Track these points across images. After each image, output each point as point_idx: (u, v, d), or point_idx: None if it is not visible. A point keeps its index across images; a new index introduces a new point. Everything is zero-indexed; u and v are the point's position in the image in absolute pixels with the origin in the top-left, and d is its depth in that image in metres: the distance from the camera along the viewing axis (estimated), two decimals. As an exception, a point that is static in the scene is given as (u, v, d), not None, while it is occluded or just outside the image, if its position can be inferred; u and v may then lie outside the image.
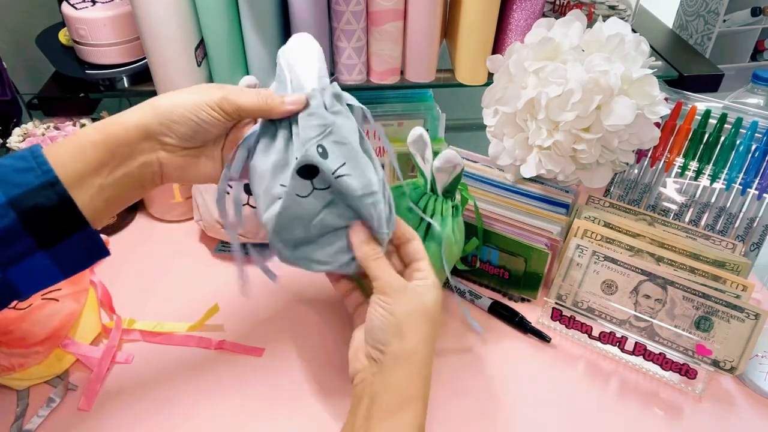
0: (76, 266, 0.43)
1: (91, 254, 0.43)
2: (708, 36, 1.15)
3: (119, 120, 0.43)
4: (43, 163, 0.39)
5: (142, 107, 0.43)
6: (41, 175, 0.39)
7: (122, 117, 0.43)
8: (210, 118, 0.44)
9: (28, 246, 0.40)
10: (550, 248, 0.65)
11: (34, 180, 0.39)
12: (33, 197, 0.39)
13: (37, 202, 0.39)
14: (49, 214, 0.39)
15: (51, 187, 0.39)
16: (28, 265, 0.40)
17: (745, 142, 0.68)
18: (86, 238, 0.42)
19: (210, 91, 0.44)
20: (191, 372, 0.60)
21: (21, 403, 0.56)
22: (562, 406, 0.58)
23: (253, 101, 0.45)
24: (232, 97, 0.44)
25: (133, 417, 0.56)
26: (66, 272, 0.43)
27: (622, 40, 0.63)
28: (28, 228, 0.39)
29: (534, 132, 0.65)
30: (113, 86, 0.77)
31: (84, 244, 0.42)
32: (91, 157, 0.41)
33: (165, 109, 0.43)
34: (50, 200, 0.39)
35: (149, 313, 0.66)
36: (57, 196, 0.39)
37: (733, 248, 0.66)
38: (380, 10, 0.71)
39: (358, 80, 0.78)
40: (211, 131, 0.45)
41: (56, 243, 0.40)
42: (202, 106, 0.43)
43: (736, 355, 0.59)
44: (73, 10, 0.72)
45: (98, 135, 0.42)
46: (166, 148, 0.44)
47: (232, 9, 0.71)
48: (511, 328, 0.66)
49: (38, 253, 0.40)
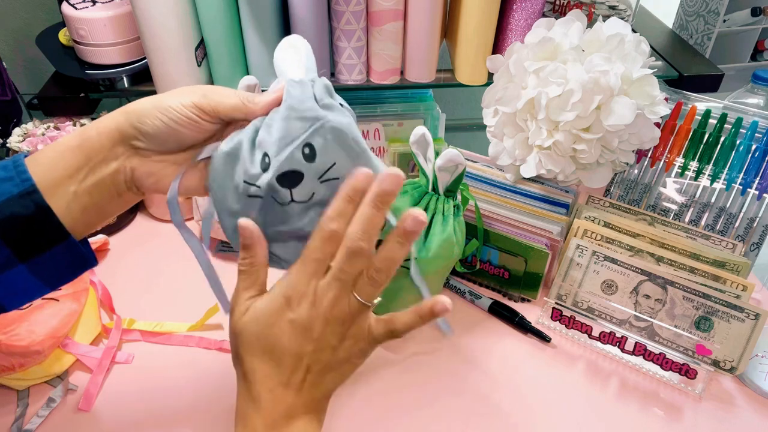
0: (61, 278, 0.42)
1: (75, 266, 0.42)
2: (708, 36, 1.15)
3: (96, 124, 0.41)
4: (22, 172, 0.38)
5: (118, 110, 0.41)
6: (20, 184, 0.38)
7: (99, 121, 0.41)
8: (181, 118, 0.40)
9: (6, 258, 0.38)
10: (550, 248, 0.65)
11: (12, 189, 0.38)
12: (10, 206, 0.37)
13: (14, 211, 0.37)
14: (27, 225, 0.38)
15: (28, 195, 0.38)
16: (8, 279, 0.39)
17: (745, 142, 0.68)
18: (68, 250, 0.40)
19: (187, 92, 0.41)
20: (191, 372, 0.60)
21: (21, 403, 0.56)
22: (562, 406, 0.58)
23: (233, 100, 0.42)
24: (210, 94, 0.41)
25: (133, 417, 0.56)
26: (50, 285, 0.41)
27: (622, 40, 0.63)
28: (6, 239, 0.38)
29: (534, 132, 0.65)
30: (113, 86, 0.77)
31: (66, 255, 0.40)
32: (68, 163, 0.39)
33: (136, 111, 0.40)
34: (27, 209, 0.38)
35: (149, 313, 0.66)
36: (34, 205, 0.38)
37: (733, 248, 0.66)
38: (380, 10, 0.71)
39: (358, 80, 0.78)
40: (185, 133, 0.41)
41: (36, 255, 0.39)
42: (174, 105, 0.40)
43: (736, 355, 0.59)
44: (73, 10, 0.72)
45: (76, 140, 0.40)
46: (139, 152, 0.41)
47: (232, 9, 0.71)
48: (511, 328, 0.66)
49: (18, 266, 0.39)
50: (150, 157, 0.42)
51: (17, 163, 0.39)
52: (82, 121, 0.77)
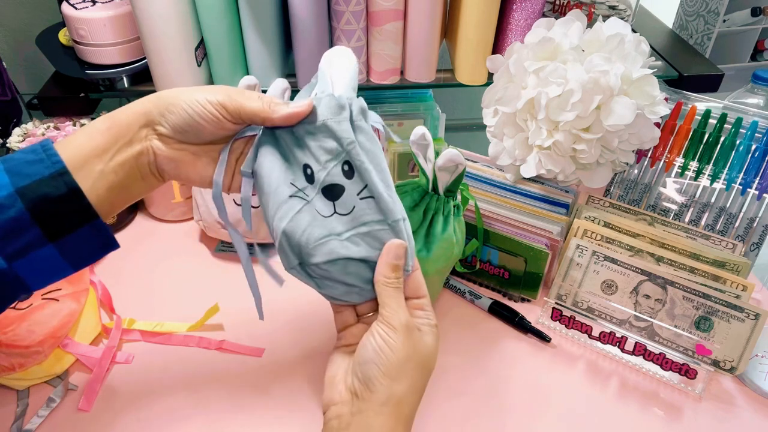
0: (86, 259, 0.43)
1: (101, 247, 0.43)
2: (708, 36, 1.15)
3: (126, 108, 0.43)
4: (53, 154, 0.39)
5: (149, 96, 0.43)
6: (50, 166, 0.39)
7: (129, 105, 0.43)
8: (205, 113, 0.42)
9: (36, 238, 0.39)
10: (550, 248, 0.65)
11: (43, 171, 0.39)
12: (41, 187, 0.38)
13: (46, 192, 0.39)
14: (57, 205, 0.39)
15: (60, 177, 0.39)
16: (36, 258, 0.40)
17: (745, 142, 0.68)
18: (95, 231, 0.41)
19: (215, 90, 0.43)
20: (191, 372, 0.60)
21: (21, 403, 0.56)
22: (562, 406, 0.58)
23: (256, 104, 0.43)
24: (236, 95, 0.43)
25: (133, 417, 0.56)
26: (75, 265, 0.42)
27: (622, 40, 0.63)
28: (36, 219, 0.39)
29: (534, 132, 0.65)
30: (113, 86, 0.77)
31: (93, 236, 0.41)
32: (96, 143, 0.41)
33: (165, 98, 0.43)
34: (58, 190, 0.39)
35: (149, 313, 0.66)
36: (65, 185, 0.39)
37: (733, 248, 0.66)
38: (380, 10, 0.71)
39: (358, 80, 0.78)
40: (207, 128, 0.43)
41: (64, 235, 0.40)
42: (201, 100, 0.42)
43: (736, 355, 0.59)
44: (73, 10, 0.72)
45: (106, 122, 0.42)
46: (161, 138, 0.43)
47: (232, 9, 0.71)
48: (511, 328, 0.66)
49: (46, 245, 0.40)
50: (170, 144, 0.44)
51: (46, 147, 0.40)
52: (82, 121, 0.77)
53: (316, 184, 0.43)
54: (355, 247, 0.43)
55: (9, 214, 0.38)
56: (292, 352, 0.62)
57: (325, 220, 0.43)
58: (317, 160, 0.43)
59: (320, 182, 0.43)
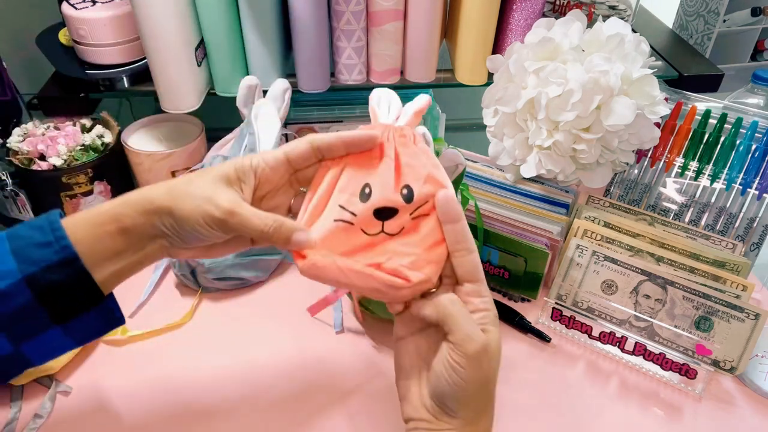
0: (91, 336, 0.42)
1: (106, 325, 0.42)
2: (708, 36, 1.15)
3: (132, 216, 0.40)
4: (61, 237, 0.38)
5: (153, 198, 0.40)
6: (59, 251, 0.38)
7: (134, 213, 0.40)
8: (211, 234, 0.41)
9: (43, 321, 0.39)
10: (550, 248, 0.65)
11: (52, 256, 0.38)
12: (50, 274, 0.38)
13: (54, 279, 0.38)
14: (66, 291, 0.38)
15: (70, 264, 0.38)
16: (42, 340, 0.39)
17: (745, 142, 0.68)
18: (101, 312, 0.41)
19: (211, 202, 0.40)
20: (191, 372, 0.60)
21: (14, 404, 0.56)
22: (562, 406, 0.58)
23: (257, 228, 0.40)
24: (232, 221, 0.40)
25: (132, 416, 0.56)
26: (80, 342, 0.42)
27: (622, 40, 0.63)
28: (44, 305, 0.38)
29: (534, 132, 0.65)
30: (113, 86, 0.77)
31: (99, 316, 0.41)
32: (107, 246, 0.40)
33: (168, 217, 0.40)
34: (68, 277, 0.38)
35: (150, 312, 0.66)
36: (76, 272, 0.38)
37: (733, 248, 0.66)
38: (380, 10, 0.71)
39: (358, 80, 0.78)
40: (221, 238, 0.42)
41: (71, 318, 0.40)
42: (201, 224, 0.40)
43: (736, 355, 0.59)
44: (73, 10, 0.72)
45: (114, 223, 0.40)
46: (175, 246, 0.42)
47: (232, 9, 0.71)
48: (511, 328, 0.66)
49: (53, 328, 0.39)
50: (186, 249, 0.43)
51: (54, 226, 0.39)
52: (82, 121, 0.77)
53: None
54: None
55: (18, 301, 0.37)
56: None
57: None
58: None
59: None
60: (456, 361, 0.39)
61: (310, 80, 0.77)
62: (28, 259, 0.38)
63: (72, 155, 0.71)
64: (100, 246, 0.39)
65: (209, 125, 0.80)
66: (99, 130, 0.75)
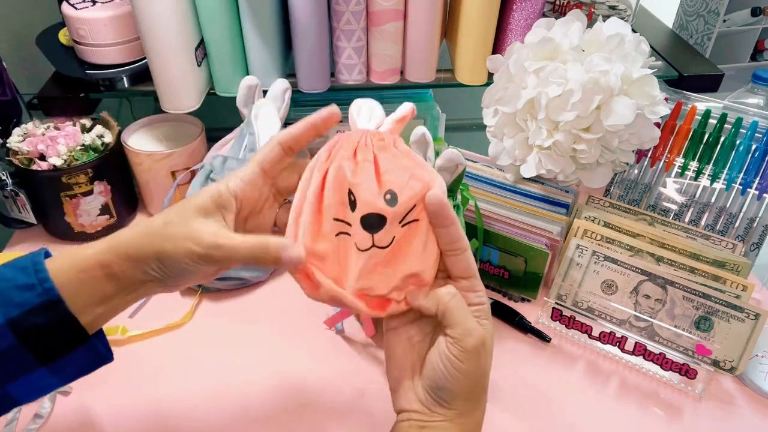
0: (78, 374, 0.42)
1: (93, 363, 0.42)
2: (708, 36, 1.15)
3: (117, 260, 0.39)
4: (44, 279, 0.37)
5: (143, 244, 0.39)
6: (42, 294, 0.37)
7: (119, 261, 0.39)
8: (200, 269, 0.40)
9: (27, 363, 0.38)
10: (550, 248, 0.65)
11: (34, 299, 0.37)
12: (33, 317, 0.37)
13: (37, 322, 0.37)
14: (50, 333, 0.38)
15: (53, 307, 0.37)
16: (28, 381, 0.39)
17: (745, 142, 0.68)
18: (88, 351, 0.40)
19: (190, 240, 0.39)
20: (191, 372, 0.60)
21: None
22: (562, 406, 0.58)
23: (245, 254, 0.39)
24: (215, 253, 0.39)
25: (132, 418, 0.56)
26: (67, 380, 0.41)
27: (622, 40, 0.63)
28: (27, 347, 0.37)
29: (534, 132, 0.65)
30: (113, 86, 0.77)
31: (86, 355, 0.40)
32: (94, 290, 0.39)
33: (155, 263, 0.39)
34: (51, 320, 0.37)
35: (150, 312, 0.66)
36: (58, 315, 0.38)
37: (733, 248, 0.66)
38: (380, 10, 0.71)
39: (358, 80, 0.78)
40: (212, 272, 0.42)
41: (56, 359, 0.39)
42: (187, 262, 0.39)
43: (736, 355, 0.59)
44: (73, 10, 0.72)
45: (99, 271, 0.39)
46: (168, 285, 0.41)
47: (232, 9, 0.71)
48: (511, 328, 0.66)
49: (39, 369, 0.39)
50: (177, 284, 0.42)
51: (37, 268, 0.38)
52: (82, 121, 0.77)
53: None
54: None
55: (0, 345, 0.37)
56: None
57: None
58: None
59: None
60: (455, 355, 0.40)
61: (310, 80, 0.77)
62: (11, 302, 0.37)
63: (72, 155, 0.71)
64: (86, 291, 0.39)
65: (209, 125, 0.80)
66: (99, 130, 0.75)
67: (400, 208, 0.40)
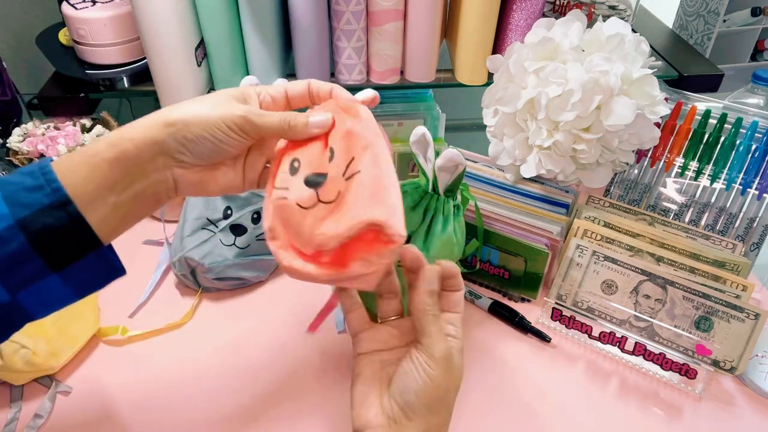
0: (90, 287, 0.41)
1: (106, 274, 0.42)
2: (708, 36, 1.15)
3: (130, 135, 0.40)
4: (52, 180, 0.37)
5: (154, 122, 0.40)
6: (51, 194, 0.37)
7: (133, 131, 0.40)
8: (228, 139, 0.41)
9: (38, 268, 0.38)
10: (550, 248, 0.65)
11: (43, 199, 0.37)
12: (42, 218, 0.37)
13: (47, 222, 0.37)
14: (60, 235, 0.38)
15: (62, 207, 0.37)
16: (39, 288, 0.39)
17: (745, 142, 0.68)
18: (100, 259, 0.40)
19: (229, 107, 0.41)
20: (191, 371, 0.60)
21: (14, 405, 0.56)
22: (562, 406, 0.58)
23: (275, 123, 0.42)
24: (253, 117, 0.42)
25: (132, 416, 0.56)
26: (80, 293, 0.41)
27: (622, 40, 0.63)
28: (38, 250, 0.37)
29: (534, 132, 0.65)
30: (113, 86, 0.77)
31: (98, 264, 0.40)
32: (105, 176, 0.39)
33: (180, 125, 0.40)
34: (61, 221, 0.37)
35: (150, 312, 0.66)
36: (68, 216, 0.37)
37: (733, 248, 0.66)
38: (380, 10, 0.71)
39: (358, 80, 0.78)
40: (230, 150, 0.43)
41: (67, 265, 0.39)
42: (220, 125, 0.41)
43: (736, 355, 0.59)
44: (73, 10, 0.72)
45: (111, 152, 0.39)
46: (181, 165, 0.42)
47: (232, 9, 0.71)
48: (511, 328, 0.66)
49: (49, 275, 0.38)
50: (191, 168, 0.42)
51: (45, 170, 0.38)
52: (82, 121, 0.77)
53: None
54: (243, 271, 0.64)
55: (11, 247, 0.37)
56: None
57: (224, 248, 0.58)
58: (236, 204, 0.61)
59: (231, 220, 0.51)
60: (425, 361, 0.42)
61: (310, 80, 0.77)
62: (20, 203, 0.37)
63: (72, 155, 0.71)
64: (97, 177, 0.39)
65: (209, 125, 0.80)
66: (99, 130, 0.75)
67: (339, 160, 0.41)
